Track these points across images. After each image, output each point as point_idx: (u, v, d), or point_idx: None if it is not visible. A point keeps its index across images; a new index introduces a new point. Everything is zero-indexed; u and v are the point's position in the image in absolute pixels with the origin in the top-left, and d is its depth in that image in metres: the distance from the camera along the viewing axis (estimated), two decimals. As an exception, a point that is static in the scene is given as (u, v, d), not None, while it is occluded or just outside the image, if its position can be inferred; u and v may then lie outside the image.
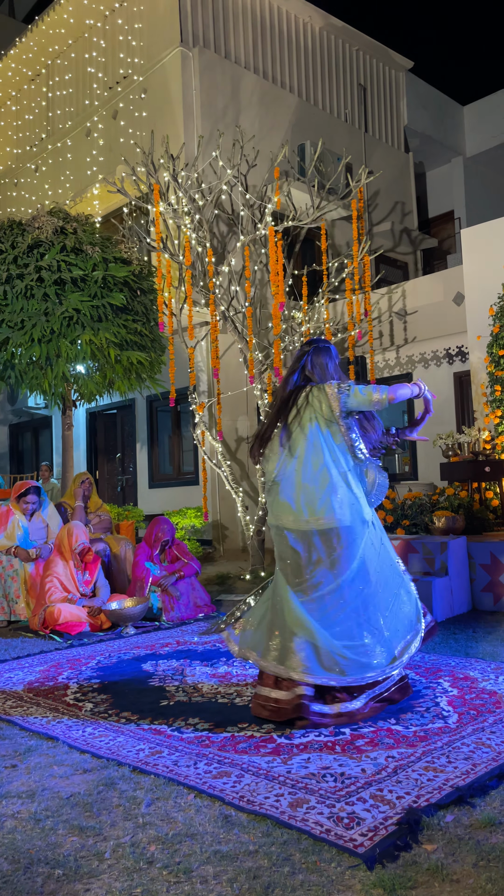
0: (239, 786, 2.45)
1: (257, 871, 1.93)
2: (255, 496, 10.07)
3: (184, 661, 4.29)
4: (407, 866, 1.93)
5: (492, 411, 7.48)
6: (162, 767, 2.64)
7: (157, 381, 8.53)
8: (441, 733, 2.87)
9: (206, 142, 10.29)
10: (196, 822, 2.22)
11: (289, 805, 2.28)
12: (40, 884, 1.93)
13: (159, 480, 11.50)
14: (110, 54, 12.16)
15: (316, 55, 12.82)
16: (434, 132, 14.81)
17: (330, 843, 2.04)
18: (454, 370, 9.77)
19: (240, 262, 9.57)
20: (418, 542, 5.70)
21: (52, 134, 13.31)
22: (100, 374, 8.10)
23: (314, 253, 11.64)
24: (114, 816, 2.29)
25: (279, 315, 7.91)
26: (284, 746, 2.80)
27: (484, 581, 5.60)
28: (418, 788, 2.36)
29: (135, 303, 7.82)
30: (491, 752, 2.65)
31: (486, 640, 4.52)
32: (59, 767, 2.71)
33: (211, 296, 8.27)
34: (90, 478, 7.04)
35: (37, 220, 7.65)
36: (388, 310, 10.30)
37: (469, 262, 8.08)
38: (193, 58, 10.69)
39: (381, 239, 12.90)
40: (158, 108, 10.96)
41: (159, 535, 5.83)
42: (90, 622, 5.33)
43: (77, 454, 12.78)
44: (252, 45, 11.80)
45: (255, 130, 11.07)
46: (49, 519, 6.34)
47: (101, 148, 12.03)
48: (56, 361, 7.39)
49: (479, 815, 2.17)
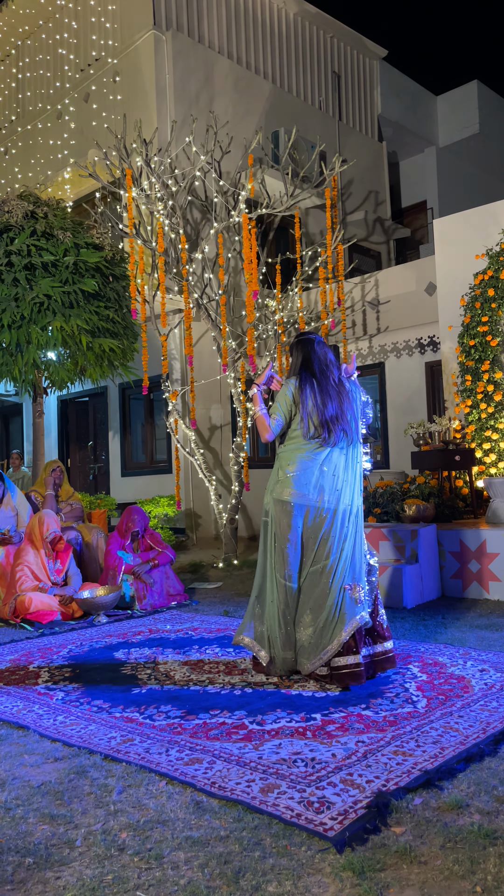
0: (210, 772, 2.46)
1: (228, 856, 1.95)
2: (227, 484, 10.08)
3: (156, 649, 4.28)
4: (376, 849, 1.96)
5: (462, 401, 7.56)
6: (133, 755, 2.64)
7: (129, 369, 8.46)
8: (410, 718, 2.91)
9: (180, 127, 10.20)
10: (167, 808, 2.23)
11: (260, 790, 2.30)
12: (10, 872, 1.92)
13: (132, 469, 11.45)
14: (82, 36, 11.96)
15: (290, 42, 12.75)
16: (407, 122, 14.84)
17: (300, 827, 2.06)
18: (426, 360, 9.84)
19: (213, 249, 9.52)
20: (389, 530, 5.75)
21: (23, 116, 13.08)
22: (71, 361, 8.02)
23: (288, 241, 11.62)
24: (85, 804, 2.29)
25: (253, 303, 7.89)
26: (256, 732, 2.82)
27: (453, 568, 5.67)
28: (388, 772, 2.39)
29: (107, 289, 7.74)
30: (459, 735, 2.69)
31: (454, 625, 4.59)
32: (29, 756, 2.69)
33: (184, 283, 8.22)
34: (61, 466, 6.97)
35: (6, 203, 7.53)
36: (361, 299, 10.33)
37: (441, 253, 8.13)
38: (167, 41, 10.57)
39: (355, 228, 12.92)
40: (131, 91, 10.82)
41: (130, 525, 5.81)
42: (62, 611, 5.30)
43: (48, 442, 12.66)
44: (226, 29, 11.69)
45: (229, 116, 10.99)
46: (19, 507, 6.28)
47: (73, 131, 11.86)
48: (26, 348, 7.30)
49: (447, 798, 2.20)
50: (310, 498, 3.45)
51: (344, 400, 3.54)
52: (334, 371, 3.61)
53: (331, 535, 3.43)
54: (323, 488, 3.45)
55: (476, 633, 4.33)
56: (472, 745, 2.58)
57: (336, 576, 3.40)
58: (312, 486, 3.45)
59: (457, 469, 6.95)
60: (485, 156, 15.66)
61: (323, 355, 3.63)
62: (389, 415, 10.23)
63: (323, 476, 3.46)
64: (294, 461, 3.49)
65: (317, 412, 3.48)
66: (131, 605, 5.62)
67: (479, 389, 7.35)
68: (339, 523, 3.44)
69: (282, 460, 3.55)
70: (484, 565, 5.50)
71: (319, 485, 3.46)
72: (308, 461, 3.48)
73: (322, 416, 3.47)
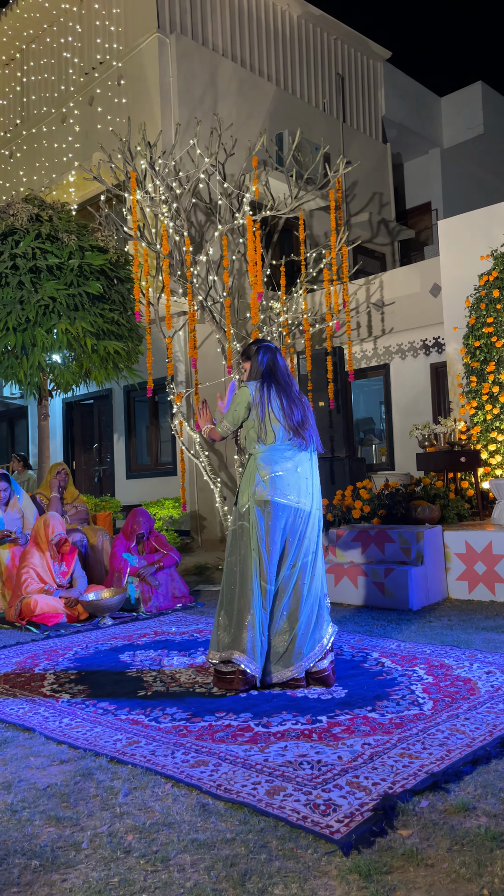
0: (216, 774, 2.45)
1: (234, 858, 1.94)
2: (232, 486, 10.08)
3: (161, 651, 4.28)
4: (382, 851, 1.95)
5: (467, 402, 7.54)
6: (139, 757, 2.64)
7: (134, 371, 8.47)
8: (416, 720, 2.90)
9: (184, 129, 10.21)
10: (173, 810, 2.23)
11: (266, 793, 2.29)
12: (17, 875, 1.92)
13: (137, 471, 11.45)
14: (86, 39, 12.00)
15: (294, 44, 12.76)
16: (412, 123, 14.83)
17: (307, 829, 2.06)
18: (430, 361, 9.83)
19: (217, 251, 9.53)
20: (395, 532, 5.74)
21: (27, 120, 13.12)
22: (76, 363, 8.03)
23: (292, 243, 11.62)
24: (91, 806, 2.28)
25: (257, 305, 7.89)
26: (262, 735, 2.82)
27: (459, 570, 5.65)
28: (394, 775, 2.39)
29: (112, 292, 7.76)
30: (465, 738, 2.68)
31: (460, 627, 4.57)
32: (35, 758, 2.69)
33: (188, 285, 8.23)
34: (66, 468, 6.98)
35: (11, 207, 7.55)
36: (366, 301, 10.32)
37: (446, 254, 8.12)
38: (171, 44, 10.59)
39: (359, 230, 12.92)
40: (135, 94, 10.85)
41: (135, 527, 5.81)
42: (67, 613, 5.30)
43: (53, 445, 12.68)
44: (230, 32, 11.71)
45: (233, 119, 11.00)
46: (25, 509, 6.29)
47: (77, 134, 11.89)
48: (32, 350, 7.32)
49: (454, 801, 2.19)
50: (290, 499, 3.45)
51: (306, 408, 3.62)
52: (293, 381, 3.70)
53: (307, 537, 3.48)
54: (300, 490, 3.48)
55: (482, 635, 4.32)
56: (478, 748, 2.57)
57: (315, 579, 3.48)
58: (292, 488, 3.47)
59: (462, 470, 6.94)
60: (489, 157, 15.64)
61: (284, 366, 3.69)
62: (395, 416, 10.21)
63: (298, 478, 3.49)
64: (274, 462, 3.48)
65: (285, 417, 3.51)
66: (136, 608, 5.62)
67: (484, 391, 7.34)
68: (312, 526, 3.51)
69: (260, 462, 3.50)
70: (490, 567, 5.48)
71: (297, 487, 3.48)
72: (287, 463, 3.49)
73: (291, 422, 3.52)
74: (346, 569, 5.70)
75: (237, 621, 3.41)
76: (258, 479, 3.48)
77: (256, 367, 3.65)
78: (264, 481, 3.46)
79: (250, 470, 3.54)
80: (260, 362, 3.64)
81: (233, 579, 3.51)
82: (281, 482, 3.46)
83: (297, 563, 3.45)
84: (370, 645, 4.20)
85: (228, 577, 3.55)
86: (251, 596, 3.40)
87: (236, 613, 3.43)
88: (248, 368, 3.71)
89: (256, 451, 3.54)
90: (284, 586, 3.44)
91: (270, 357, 3.66)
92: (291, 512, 3.45)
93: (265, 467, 3.48)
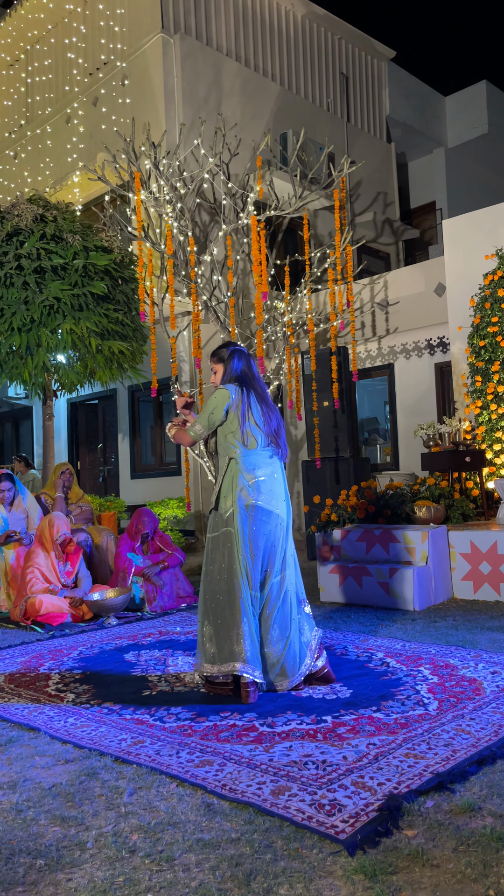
0: (221, 774, 2.45)
1: (239, 858, 1.94)
2: (237, 486, 10.05)
3: (166, 650, 4.28)
4: (388, 852, 1.95)
5: (472, 402, 7.52)
6: (144, 757, 2.64)
7: (138, 371, 8.48)
8: (421, 720, 2.89)
9: (188, 129, 10.21)
10: (178, 810, 2.23)
11: (271, 793, 2.29)
12: (22, 874, 1.92)
13: (141, 471, 11.46)
14: (90, 40, 12.01)
15: (298, 44, 12.75)
16: (416, 122, 14.81)
17: (312, 829, 2.05)
18: (435, 361, 9.81)
19: (222, 251, 9.53)
20: (399, 532, 5.73)
21: (32, 120, 13.14)
22: (81, 363, 8.03)
23: (296, 243, 11.61)
24: (96, 806, 2.29)
25: (261, 305, 7.89)
26: (266, 735, 2.81)
27: (464, 570, 5.64)
28: (399, 775, 2.38)
29: (116, 292, 7.76)
30: (470, 738, 2.67)
31: (465, 627, 4.57)
32: (40, 758, 2.70)
33: (193, 285, 8.23)
34: (70, 468, 6.99)
35: (16, 207, 7.56)
36: (370, 300, 10.31)
37: (450, 253, 8.10)
38: (175, 44, 10.59)
39: (364, 229, 12.90)
40: (139, 94, 10.85)
41: (140, 527, 5.81)
42: (72, 613, 5.31)
43: (58, 445, 12.70)
44: (234, 32, 11.71)
45: (237, 119, 11.00)
46: (29, 509, 6.30)
47: (82, 135, 11.90)
48: (36, 351, 7.33)
49: (459, 801, 2.19)
50: (272, 505, 3.42)
51: (279, 417, 3.60)
52: (267, 389, 3.68)
53: (288, 542, 3.48)
54: (279, 497, 3.46)
55: (487, 635, 4.31)
56: (484, 748, 2.56)
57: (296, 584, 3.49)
58: (273, 494, 3.44)
59: (467, 470, 6.92)
60: (494, 156, 15.60)
61: (258, 373, 3.65)
62: (399, 416, 10.19)
63: (276, 485, 3.47)
64: (257, 467, 3.43)
65: (265, 423, 3.48)
66: (141, 607, 5.63)
67: (489, 390, 7.32)
68: (288, 533, 3.49)
69: (242, 466, 3.41)
70: (495, 567, 5.47)
71: (277, 493, 3.46)
72: (268, 469, 3.46)
73: (269, 429, 3.49)
74: (350, 569, 5.69)
75: (228, 632, 3.30)
76: (242, 482, 3.40)
77: (231, 370, 3.55)
78: (249, 485, 3.39)
79: (232, 474, 3.43)
80: (235, 367, 3.55)
81: (217, 587, 3.38)
82: (265, 487, 3.41)
83: (284, 570, 3.42)
84: (375, 645, 4.19)
85: (212, 585, 3.41)
86: (242, 605, 3.29)
87: (226, 624, 3.31)
88: (219, 371, 3.60)
89: (237, 455, 3.44)
90: (272, 595, 3.38)
91: (245, 363, 3.57)
92: (273, 518, 3.41)
93: (249, 472, 3.41)
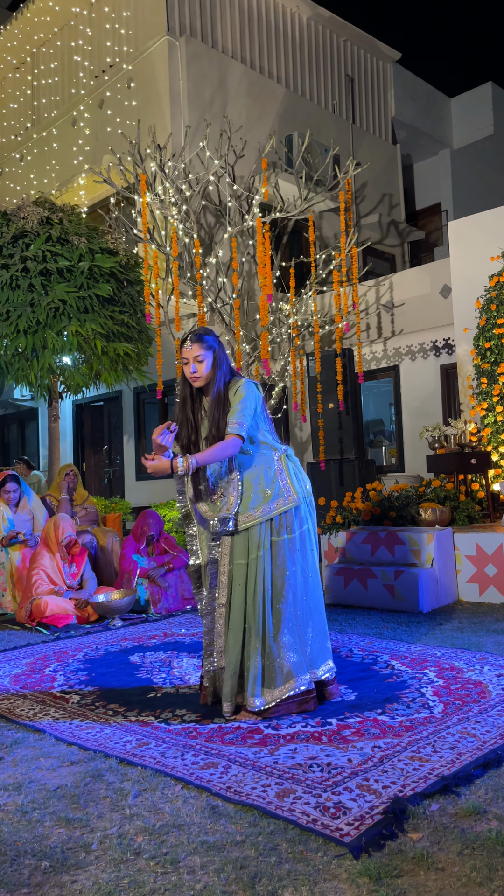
0: (226, 776, 2.45)
1: (244, 861, 1.94)
2: (242, 488, 10.05)
3: (171, 652, 4.29)
4: (393, 855, 1.94)
5: (478, 403, 7.51)
6: (149, 759, 2.64)
7: (144, 373, 8.49)
8: (427, 723, 2.89)
9: (194, 132, 10.23)
10: (183, 812, 2.23)
11: (275, 795, 2.29)
12: (27, 876, 1.93)
13: (147, 473, 11.47)
14: (96, 42, 12.05)
15: (303, 46, 12.76)
16: (421, 124, 14.81)
17: (316, 832, 2.05)
18: (441, 362, 9.80)
19: (227, 253, 9.54)
20: (404, 534, 5.72)
21: (38, 123, 13.18)
22: (86, 365, 8.06)
23: (302, 244, 11.62)
24: (101, 808, 2.29)
25: (267, 307, 7.90)
26: (271, 737, 2.81)
27: (469, 572, 5.63)
28: (404, 778, 2.38)
29: (121, 294, 7.78)
30: (476, 741, 2.67)
31: (471, 630, 4.55)
32: (45, 759, 2.70)
33: (198, 287, 8.24)
34: (75, 470, 7.01)
35: (22, 209, 7.59)
36: (376, 302, 10.31)
37: (456, 255, 8.09)
38: (180, 47, 10.62)
39: (369, 231, 12.90)
40: (145, 97, 10.88)
41: (145, 528, 5.82)
42: (77, 614, 5.31)
43: (63, 446, 12.72)
44: (239, 34, 11.73)
45: (243, 121, 11.02)
46: (35, 511, 6.31)
47: (88, 137, 11.94)
48: (42, 353, 7.35)
49: (464, 804, 2.18)
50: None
51: None
52: None
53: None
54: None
55: (493, 638, 4.30)
56: (489, 751, 2.56)
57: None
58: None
59: (473, 472, 6.91)
60: (499, 157, 15.58)
61: None
62: (404, 418, 10.18)
63: None
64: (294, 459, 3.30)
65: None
66: (146, 609, 5.63)
67: (494, 392, 7.31)
68: None
69: (283, 462, 3.16)
70: (501, 569, 5.46)
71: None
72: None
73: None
74: (355, 571, 5.68)
75: (316, 637, 3.13)
76: (295, 469, 3.16)
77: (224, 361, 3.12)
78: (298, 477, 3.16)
79: (281, 462, 3.13)
80: (226, 358, 3.17)
81: (301, 591, 3.08)
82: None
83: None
84: (380, 647, 4.18)
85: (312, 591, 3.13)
86: (320, 611, 3.17)
87: (316, 629, 3.13)
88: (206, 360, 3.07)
89: (281, 448, 3.19)
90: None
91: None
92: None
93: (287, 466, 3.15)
